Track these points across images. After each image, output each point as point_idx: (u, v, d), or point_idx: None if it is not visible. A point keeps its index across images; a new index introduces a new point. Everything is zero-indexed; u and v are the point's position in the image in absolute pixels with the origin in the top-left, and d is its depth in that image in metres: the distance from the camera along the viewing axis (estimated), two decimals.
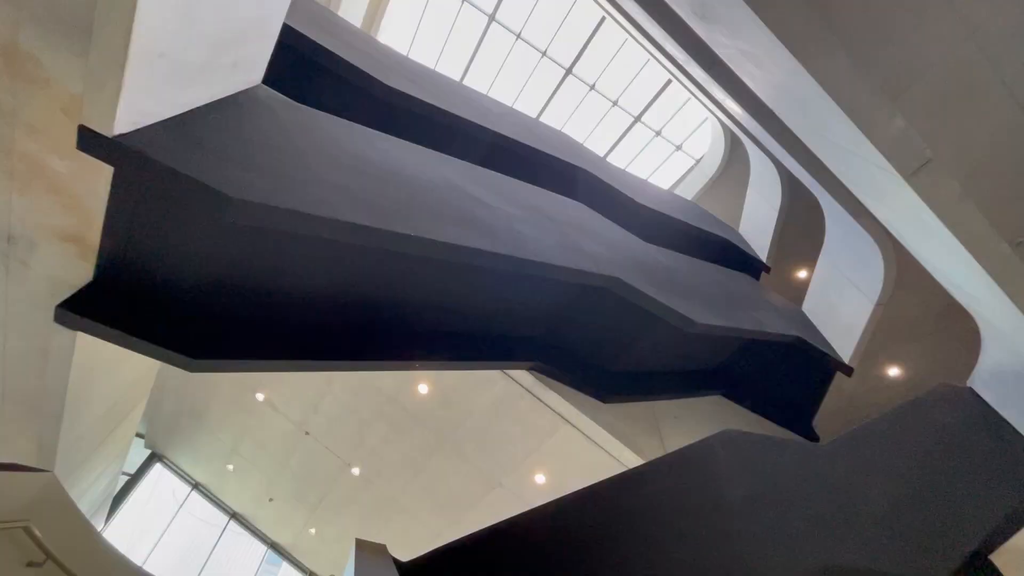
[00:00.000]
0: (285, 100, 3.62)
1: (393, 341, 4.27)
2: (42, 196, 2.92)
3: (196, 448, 9.34)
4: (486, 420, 6.17)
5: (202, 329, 3.38)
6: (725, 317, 5.69)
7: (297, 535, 9.79)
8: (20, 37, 2.36)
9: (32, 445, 4.62)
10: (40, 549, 2.26)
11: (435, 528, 7.79)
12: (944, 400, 4.97)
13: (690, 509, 3.20)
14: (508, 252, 3.76)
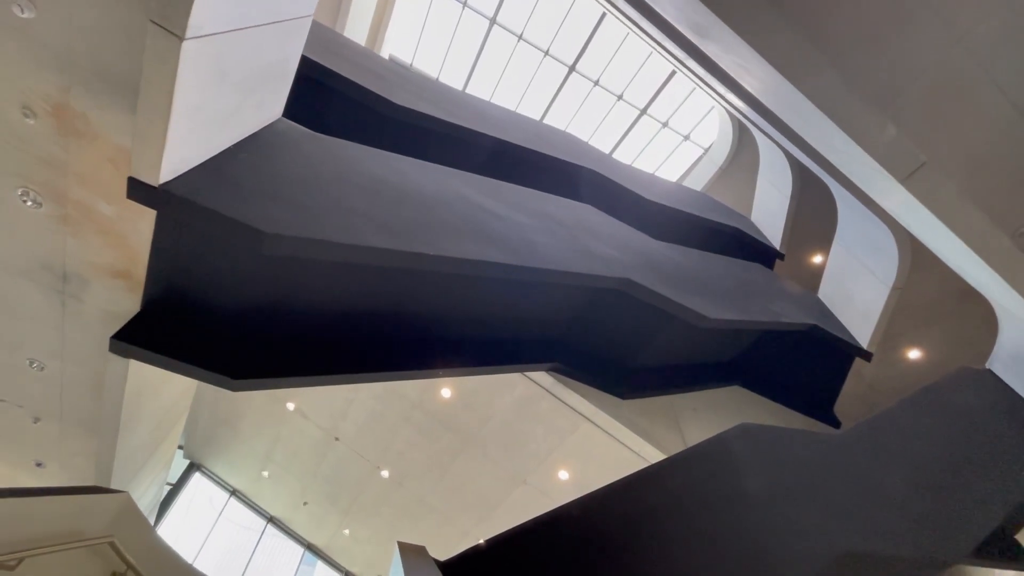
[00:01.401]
0: (304, 131, 3.83)
1: (416, 351, 4.47)
2: (92, 238, 3.18)
3: (232, 457, 9.77)
4: (508, 421, 6.37)
5: (242, 351, 3.62)
6: (739, 311, 5.77)
7: (332, 536, 10.18)
8: (70, 98, 2.60)
9: (89, 462, 4.97)
10: (122, 560, 2.54)
11: (464, 526, 8.05)
12: (963, 383, 4.99)
13: (709, 503, 3.34)
14: (523, 263, 3.92)
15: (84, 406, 4.36)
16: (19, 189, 2.95)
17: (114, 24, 2.34)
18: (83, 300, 3.54)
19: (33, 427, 4.61)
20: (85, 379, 4.11)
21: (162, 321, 3.48)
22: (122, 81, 2.52)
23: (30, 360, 3.98)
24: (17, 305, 3.59)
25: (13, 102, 2.61)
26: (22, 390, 4.25)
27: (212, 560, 9.89)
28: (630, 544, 3.24)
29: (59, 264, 3.34)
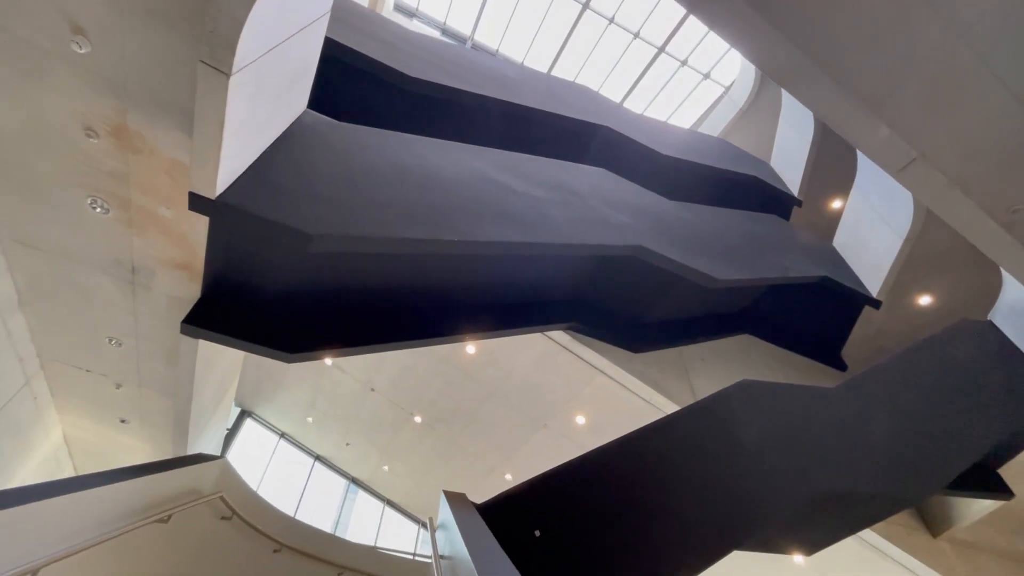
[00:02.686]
0: (328, 121, 4.02)
1: (447, 318, 4.88)
2: (155, 237, 3.57)
3: (278, 405, 10.77)
4: (529, 374, 6.91)
5: (293, 328, 4.07)
6: (748, 268, 5.98)
7: (373, 471, 11.38)
8: (127, 120, 2.88)
9: (166, 419, 5.72)
10: (229, 509, 3.17)
11: (491, 463, 8.94)
12: (961, 335, 5.24)
13: (709, 451, 3.81)
14: (541, 240, 4.19)
15: (158, 374, 4.98)
16: (88, 198, 3.31)
17: (161, 55, 2.56)
18: (151, 288, 4.00)
19: (116, 392, 5.30)
20: (157, 352, 4.68)
21: (223, 305, 3.92)
22: (171, 103, 2.77)
23: (109, 338, 4.54)
24: (95, 294, 4.07)
25: (77, 124, 2.89)
26: (105, 363, 4.86)
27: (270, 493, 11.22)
28: (640, 487, 3.77)
29: (128, 259, 3.76)
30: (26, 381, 4.89)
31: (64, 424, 6.05)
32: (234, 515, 3.21)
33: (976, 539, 6.93)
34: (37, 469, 6.02)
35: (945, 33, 2.34)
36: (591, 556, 3.43)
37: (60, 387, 5.35)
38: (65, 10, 2.41)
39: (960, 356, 4.89)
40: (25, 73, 2.66)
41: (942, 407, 4.43)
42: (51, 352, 4.80)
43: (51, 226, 3.53)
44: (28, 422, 5.29)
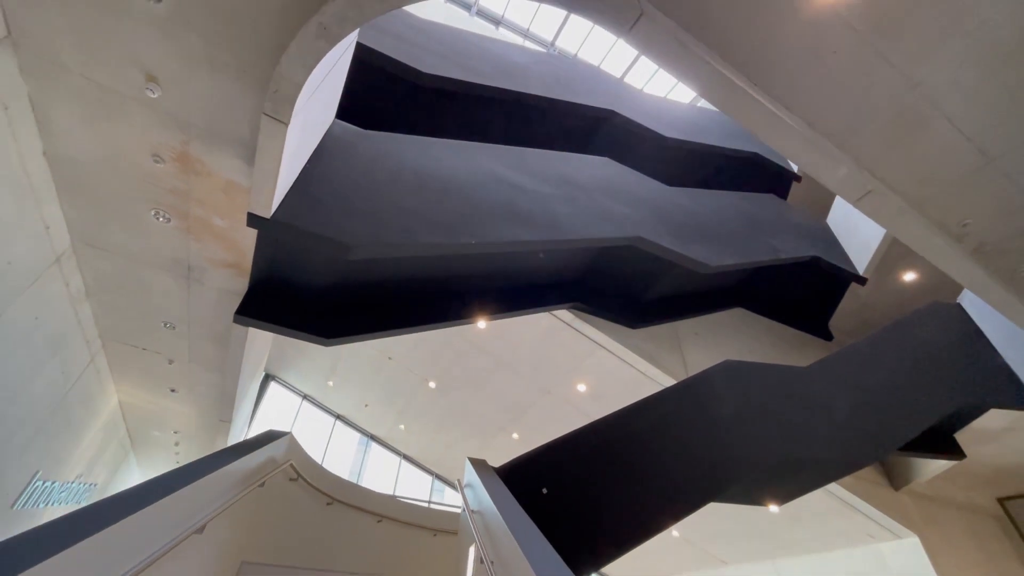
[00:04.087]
0: (355, 130, 4.39)
1: (463, 303, 5.41)
2: (210, 241, 4.06)
3: (300, 370, 11.55)
4: (535, 347, 7.51)
5: (330, 316, 4.62)
6: (740, 252, 6.42)
7: (390, 429, 12.33)
8: (189, 149, 3.30)
9: (209, 389, 6.41)
10: (296, 472, 3.85)
11: (500, 424, 9.76)
12: (929, 318, 5.76)
13: (692, 422, 4.43)
14: (548, 237, 4.65)
15: (206, 352, 5.60)
16: (152, 211, 3.78)
17: (221, 98, 2.95)
18: (204, 283, 4.53)
19: (168, 366, 5.96)
20: (206, 334, 5.28)
21: (268, 298, 4.46)
22: (228, 136, 3.19)
23: (164, 322, 5.12)
24: (154, 287, 4.61)
25: (146, 152, 3.32)
26: (159, 342, 5.47)
27: None
28: (632, 452, 4.42)
29: (185, 259, 4.27)
30: (91, 359, 5.53)
31: (120, 393, 6.77)
32: (299, 477, 3.91)
33: (934, 492, 7.74)
34: (100, 430, 6.80)
35: (902, 84, 2.71)
36: (589, 508, 4.12)
37: (118, 363, 6.00)
38: (141, 63, 2.80)
39: (924, 337, 5.43)
40: (105, 113, 3.07)
41: (901, 384, 5.01)
42: (111, 334, 5.40)
43: (118, 232, 4.02)
44: (94, 393, 5.98)
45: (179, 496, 1.73)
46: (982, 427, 6.26)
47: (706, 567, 10.30)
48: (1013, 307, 3.74)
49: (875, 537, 7.45)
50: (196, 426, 7.63)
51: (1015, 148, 2.96)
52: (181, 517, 1.77)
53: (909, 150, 2.99)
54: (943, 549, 7.16)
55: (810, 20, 2.47)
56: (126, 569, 1.40)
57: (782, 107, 2.74)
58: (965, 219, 3.39)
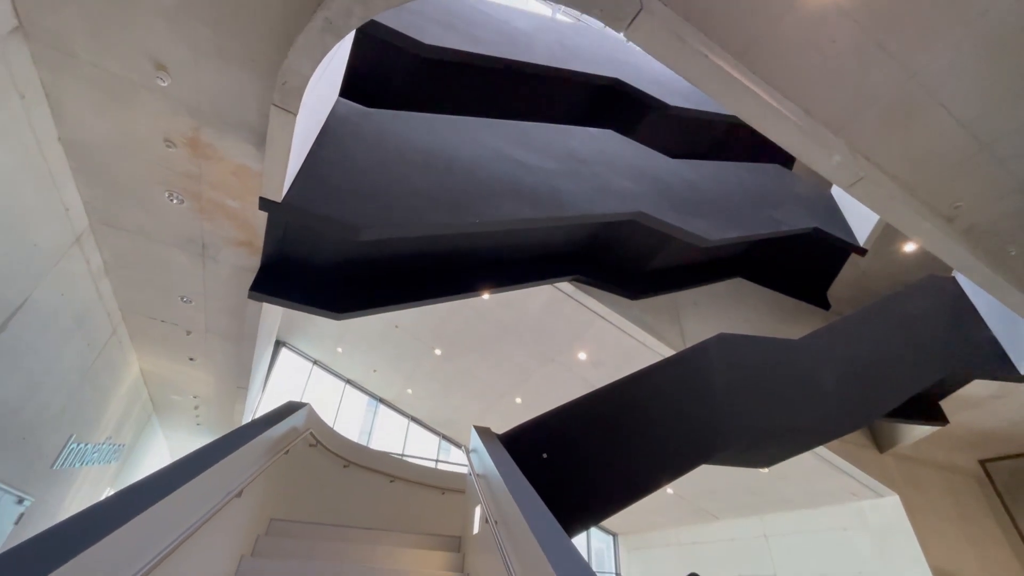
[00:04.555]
0: (360, 109, 4.41)
1: (469, 277, 5.57)
2: (222, 221, 4.20)
3: (310, 337, 11.90)
4: (538, 317, 7.72)
5: (340, 291, 4.81)
6: (741, 225, 6.48)
7: (398, 393, 12.81)
8: (200, 134, 3.39)
9: (226, 357, 6.71)
10: (315, 439, 4.15)
11: (502, 390, 10.14)
12: (921, 292, 5.88)
13: (685, 394, 4.67)
14: (551, 214, 4.75)
15: (222, 323, 5.84)
16: (166, 192, 3.90)
17: (230, 86, 3.01)
18: (218, 260, 4.70)
19: (186, 337, 6.22)
20: (222, 307, 5.50)
21: (280, 275, 4.64)
22: (238, 122, 3.26)
23: (181, 296, 5.33)
24: (171, 264, 4.78)
25: (158, 137, 3.41)
26: (178, 315, 5.70)
27: None
28: (629, 420, 4.69)
29: (199, 238, 4.42)
30: (113, 330, 5.79)
31: (141, 361, 7.09)
32: (318, 443, 4.22)
33: (917, 454, 8.11)
34: (124, 395, 7.18)
35: (899, 73, 2.74)
36: (587, 471, 4.44)
37: (138, 334, 6.27)
38: (150, 52, 2.85)
39: (915, 312, 5.58)
40: (117, 99, 3.14)
41: (888, 357, 5.21)
42: (131, 307, 5.64)
43: (134, 212, 4.15)
44: (117, 362, 6.29)
45: (222, 465, 1.98)
46: (967, 395, 6.51)
47: (699, 521, 10.94)
48: (998, 286, 3.87)
49: (858, 495, 7.89)
50: (215, 391, 8.01)
51: (1009, 134, 3.01)
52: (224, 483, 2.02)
53: (905, 136, 3.05)
54: (921, 507, 7.59)
55: (810, 10, 2.49)
56: (184, 528, 1.65)
57: (779, 95, 2.79)
58: (957, 201, 3.48)
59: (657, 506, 10.88)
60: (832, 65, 2.71)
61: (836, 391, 4.80)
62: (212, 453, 2.05)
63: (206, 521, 1.71)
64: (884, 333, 5.37)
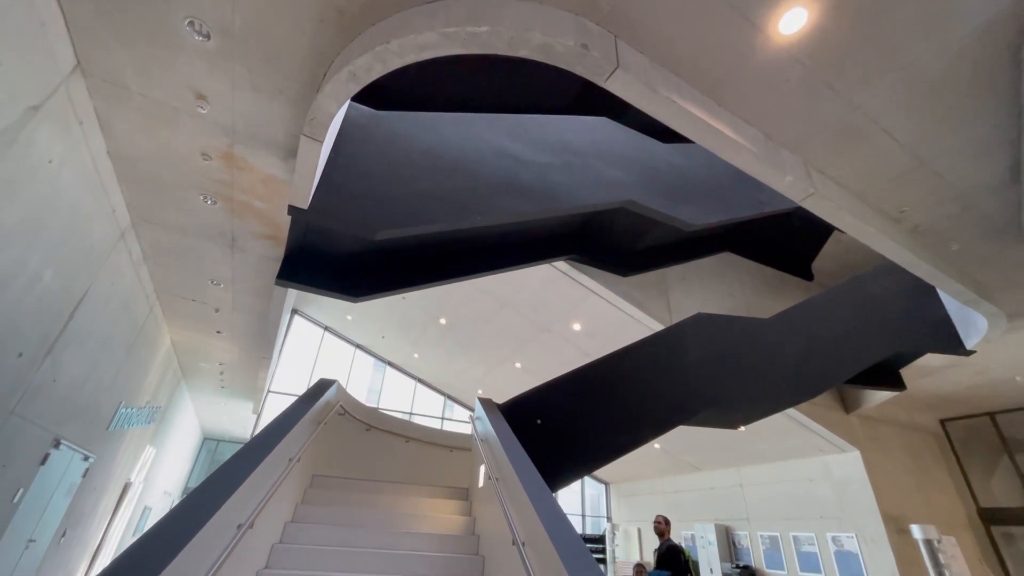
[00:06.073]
0: (368, 112, 4.78)
1: (473, 260, 6.07)
2: (251, 219, 4.69)
3: (321, 305, 12.53)
4: (536, 292, 8.29)
5: (356, 277, 5.35)
6: (725, 210, 6.92)
7: (405, 357, 13.61)
8: (234, 150, 3.84)
9: (248, 330, 7.34)
10: (343, 409, 4.83)
11: (502, 356, 10.86)
12: (888, 272, 6.39)
13: (663, 368, 5.31)
14: (546, 207, 5.20)
15: (248, 302, 6.43)
16: (201, 196, 4.36)
17: (261, 112, 3.43)
18: (245, 250, 5.22)
19: (214, 314, 6.83)
20: (248, 289, 6.06)
21: (302, 263, 5.16)
22: (267, 140, 3.70)
23: (211, 280, 5.88)
24: (202, 254, 5.30)
25: (196, 152, 3.85)
26: (207, 295, 6.28)
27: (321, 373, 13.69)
28: (614, 390, 5.36)
29: (229, 232, 4.92)
30: (149, 309, 6.39)
31: (172, 334, 7.75)
32: (346, 413, 4.91)
33: (881, 415, 8.91)
34: (159, 364, 7.89)
35: (845, 106, 3.15)
36: (577, 435, 5.15)
37: (170, 311, 6.88)
38: (192, 85, 3.26)
39: (878, 291, 6.12)
40: (161, 122, 3.57)
41: (848, 333, 5.81)
42: (166, 288, 6.21)
43: (171, 212, 4.64)
44: (153, 335, 6.94)
45: (287, 440, 2.59)
46: (924, 364, 7.17)
47: (682, 472, 12.00)
48: (938, 279, 4.40)
49: (824, 451, 8.75)
50: (239, 360, 8.73)
51: (942, 154, 3.46)
52: (287, 453, 2.65)
53: (854, 155, 3.49)
54: (879, 460, 8.46)
55: (766, 57, 2.89)
56: (269, 487, 2.27)
57: (743, 123, 3.22)
58: (903, 207, 3.96)
59: (645, 459, 11.90)
60: (788, 99, 3.12)
61: (798, 364, 5.43)
62: (278, 431, 2.66)
63: (282, 481, 2.33)
64: (846, 312, 5.95)
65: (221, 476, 1.95)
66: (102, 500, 7.17)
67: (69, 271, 4.08)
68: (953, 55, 2.82)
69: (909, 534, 7.75)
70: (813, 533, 8.71)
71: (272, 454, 2.28)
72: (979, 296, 4.63)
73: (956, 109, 3.12)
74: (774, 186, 3.41)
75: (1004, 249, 4.43)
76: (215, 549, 1.81)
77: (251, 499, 2.03)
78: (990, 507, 9.01)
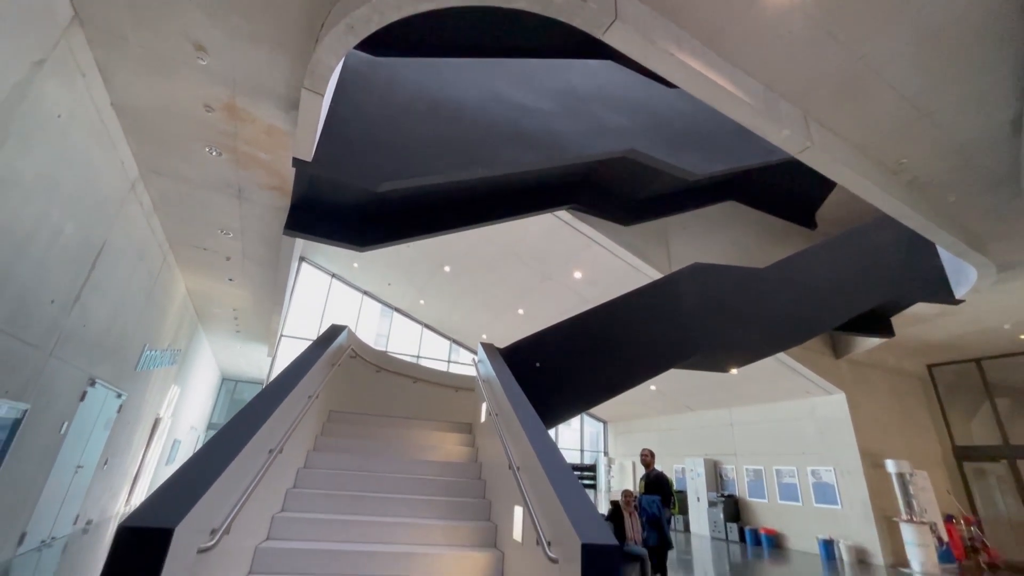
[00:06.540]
0: (367, 59, 4.69)
1: (473, 210, 6.16)
2: (256, 170, 4.77)
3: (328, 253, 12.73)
4: (538, 241, 8.39)
5: (361, 227, 5.49)
6: (731, 158, 6.84)
7: (411, 304, 13.98)
8: (236, 100, 3.86)
9: (260, 274, 7.60)
10: (355, 352, 5.15)
11: (507, 301, 11.13)
12: (885, 223, 6.42)
13: (658, 315, 5.53)
14: (548, 156, 5.21)
15: (257, 251, 6.62)
16: (206, 147, 4.42)
17: (261, 62, 3.43)
18: (252, 201, 5.33)
19: (225, 262, 7.05)
20: (257, 238, 6.23)
21: (308, 214, 5.29)
22: (269, 91, 3.71)
23: (221, 229, 6.04)
24: (210, 204, 5.42)
25: (198, 103, 3.88)
26: (217, 244, 6.46)
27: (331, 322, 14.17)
28: (610, 335, 5.62)
29: (235, 183, 5.01)
30: (163, 258, 6.61)
31: (187, 282, 8.02)
32: (357, 355, 5.23)
33: (870, 360, 9.25)
34: (176, 310, 8.24)
35: (848, 57, 3.12)
36: (573, 377, 5.48)
37: (183, 259, 7.10)
38: (190, 36, 3.25)
39: (876, 242, 6.19)
40: (161, 73, 3.58)
41: (841, 282, 5.95)
42: (177, 238, 6.38)
43: (178, 163, 4.71)
44: (168, 283, 7.21)
45: (306, 379, 2.88)
46: (915, 312, 7.36)
47: (676, 412, 12.65)
48: (931, 230, 4.47)
49: (811, 393, 9.19)
50: (251, 306, 9.07)
51: (947, 105, 3.45)
52: (307, 391, 2.95)
53: (855, 107, 3.48)
54: (862, 402, 8.89)
55: (769, 6, 2.84)
56: (293, 419, 2.57)
57: (743, 74, 3.21)
58: (902, 158, 3.98)
59: (641, 400, 12.52)
60: (791, 49, 3.09)
61: (790, 312, 5.64)
62: (298, 371, 2.94)
63: (304, 415, 2.62)
64: (842, 262, 6.06)
65: (253, 409, 2.23)
66: (136, 433, 7.79)
67: (87, 223, 4.24)
68: (963, 4, 2.76)
69: (884, 468, 8.32)
70: (795, 467, 9.35)
71: (294, 391, 2.56)
72: (970, 247, 4.72)
73: (962, 60, 3.08)
74: (770, 139, 3.44)
75: (1002, 201, 4.47)
76: (252, 470, 2.11)
77: (279, 429, 2.33)
78: (964, 445, 9.55)
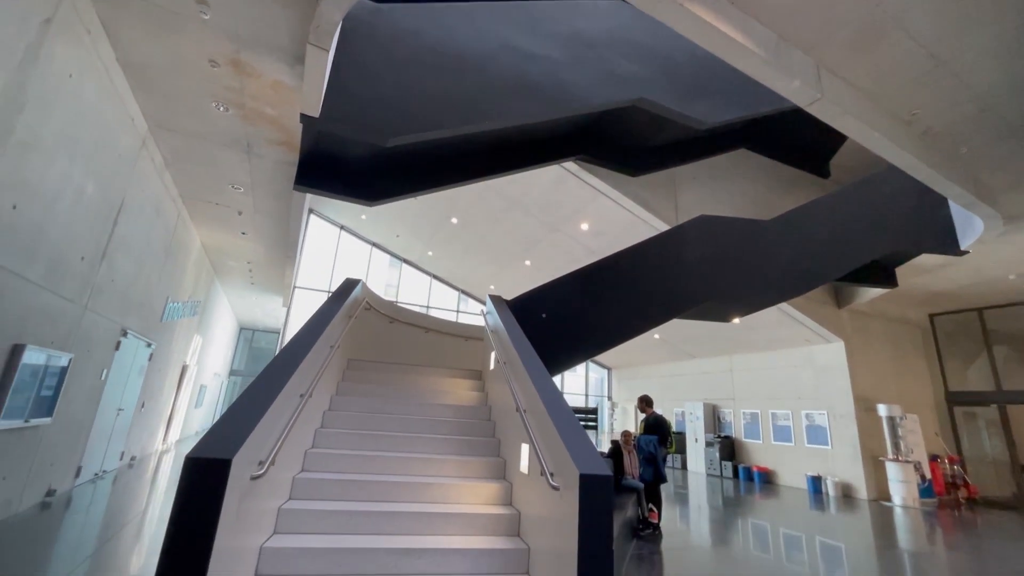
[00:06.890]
0: (371, 6, 4.55)
1: (481, 162, 6.16)
2: (263, 125, 4.80)
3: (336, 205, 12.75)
4: (545, 192, 8.35)
5: (369, 181, 5.55)
6: (743, 105, 6.65)
7: (419, 255, 14.15)
8: (240, 55, 3.85)
9: (272, 230, 7.75)
10: (369, 304, 5.39)
11: (514, 253, 11.24)
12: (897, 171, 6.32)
13: (663, 266, 5.65)
14: (555, 107, 5.14)
15: (268, 205, 6.73)
16: (213, 103, 4.44)
17: (265, 16, 3.39)
18: (261, 156, 5.38)
19: (238, 216, 7.19)
20: (267, 193, 6.32)
21: (317, 169, 5.35)
22: (273, 46, 3.68)
23: (232, 184, 6.13)
24: (220, 160, 5.48)
25: (203, 58, 3.87)
26: (229, 199, 6.57)
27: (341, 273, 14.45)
28: (615, 286, 5.77)
29: (243, 139, 5.05)
30: (178, 213, 6.75)
31: (201, 236, 8.21)
32: (372, 308, 5.48)
33: (872, 309, 9.39)
34: (193, 264, 8.49)
35: (866, 3, 3.02)
36: (578, 327, 5.70)
37: (196, 214, 7.24)
38: None
39: (886, 192, 6.13)
40: (165, 28, 3.56)
41: (848, 231, 5.97)
42: (190, 193, 6.49)
43: (186, 119, 4.74)
44: (184, 238, 7.40)
45: (327, 331, 3.10)
46: (920, 263, 7.40)
47: (678, 359, 13.04)
48: (939, 182, 4.46)
49: (810, 342, 9.42)
50: (264, 258, 9.29)
51: (963, 54, 3.36)
52: (329, 341, 3.19)
53: (870, 55, 3.40)
54: (860, 350, 9.13)
55: None
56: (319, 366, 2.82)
57: (755, 22, 3.13)
58: (915, 109, 3.92)
59: (645, 348, 12.89)
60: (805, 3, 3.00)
61: (794, 263, 5.73)
62: (320, 323, 3.16)
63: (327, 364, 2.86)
64: (849, 213, 6.05)
65: (283, 359, 2.46)
66: (166, 379, 8.29)
67: (106, 181, 4.36)
68: None
69: (875, 412, 8.69)
70: (790, 411, 9.78)
71: (318, 342, 2.79)
72: (979, 199, 4.71)
73: (982, 5, 2.98)
74: (780, 91, 3.40)
75: (1017, 150, 4.41)
76: (287, 411, 2.37)
77: (307, 376, 2.57)
78: (958, 391, 9.87)
